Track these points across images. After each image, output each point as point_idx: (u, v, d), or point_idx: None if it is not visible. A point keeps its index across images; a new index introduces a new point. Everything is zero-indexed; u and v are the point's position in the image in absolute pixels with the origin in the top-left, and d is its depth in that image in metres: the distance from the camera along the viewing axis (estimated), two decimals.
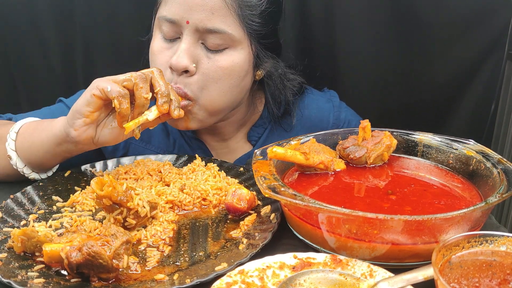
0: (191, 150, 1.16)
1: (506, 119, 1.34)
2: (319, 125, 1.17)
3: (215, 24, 0.93)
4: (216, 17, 0.93)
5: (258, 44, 1.00)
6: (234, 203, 0.83)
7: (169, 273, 0.69)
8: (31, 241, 0.71)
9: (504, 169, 0.79)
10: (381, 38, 1.32)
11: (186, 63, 0.93)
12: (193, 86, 0.96)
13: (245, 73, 1.01)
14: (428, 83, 1.35)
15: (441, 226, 0.67)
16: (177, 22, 0.94)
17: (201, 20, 0.92)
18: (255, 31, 0.98)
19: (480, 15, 1.25)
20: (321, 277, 0.64)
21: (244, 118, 1.16)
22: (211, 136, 1.17)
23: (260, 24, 0.98)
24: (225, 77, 0.97)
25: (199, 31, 0.94)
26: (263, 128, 1.17)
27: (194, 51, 0.95)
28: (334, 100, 1.23)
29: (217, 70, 0.96)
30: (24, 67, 1.40)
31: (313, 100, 1.20)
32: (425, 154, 0.94)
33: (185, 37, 0.94)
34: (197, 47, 0.95)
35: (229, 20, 0.94)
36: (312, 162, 0.87)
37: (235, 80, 0.99)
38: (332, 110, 1.20)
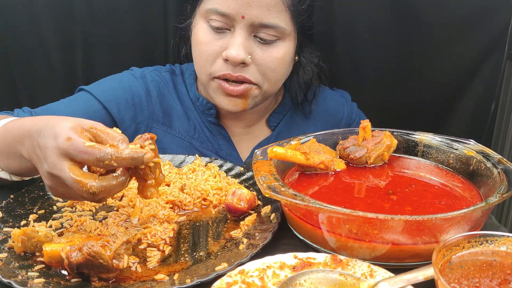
0: (211, 135, 1.18)
1: (506, 119, 1.34)
2: (335, 116, 1.26)
3: (271, 19, 0.98)
4: (272, 13, 0.97)
5: (302, 35, 1.08)
6: (234, 203, 0.83)
7: (169, 273, 0.69)
8: (31, 241, 0.71)
9: (504, 169, 0.79)
10: (381, 38, 1.32)
11: (243, 55, 0.98)
12: (254, 74, 1.02)
13: (291, 60, 1.10)
14: (428, 83, 1.35)
15: (441, 226, 0.67)
16: (231, 16, 0.98)
17: (258, 16, 0.97)
18: (302, 24, 1.05)
19: (480, 15, 1.25)
20: (321, 277, 0.64)
21: (270, 105, 1.22)
22: (234, 122, 1.20)
23: (306, 17, 1.05)
24: (280, 66, 1.05)
25: (253, 26, 0.98)
26: (282, 114, 1.23)
27: (248, 44, 1.00)
28: (346, 96, 1.30)
29: (273, 60, 1.03)
30: (24, 67, 1.39)
31: (328, 94, 1.28)
32: (425, 154, 0.94)
33: (239, 31, 0.99)
34: (250, 40, 1.00)
35: (283, 15, 0.99)
36: (312, 162, 0.87)
37: (286, 68, 1.08)
38: (345, 104, 1.28)
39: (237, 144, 1.20)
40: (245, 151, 1.21)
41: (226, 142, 1.18)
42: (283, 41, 1.03)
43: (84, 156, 0.66)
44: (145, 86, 1.15)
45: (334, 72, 1.37)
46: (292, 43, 1.06)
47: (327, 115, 1.25)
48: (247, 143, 1.21)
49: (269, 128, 1.23)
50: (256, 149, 1.16)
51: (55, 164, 0.67)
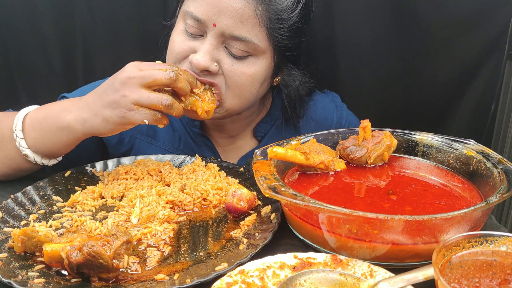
0: (197, 146, 1.17)
1: (506, 119, 1.34)
2: (324, 124, 1.21)
3: (242, 32, 0.94)
4: (245, 26, 0.93)
5: (281, 55, 1.02)
6: (234, 203, 0.83)
7: (169, 273, 0.69)
8: (31, 241, 0.71)
9: (504, 169, 0.79)
10: (381, 38, 1.32)
11: (208, 63, 0.95)
12: (221, 82, 0.98)
13: (264, 79, 1.03)
14: (428, 83, 1.35)
15: (441, 226, 0.67)
16: (203, 22, 0.94)
17: (229, 26, 0.93)
18: (280, 44, 0.99)
19: (480, 15, 1.25)
20: (321, 277, 0.64)
21: (253, 116, 1.18)
22: (218, 133, 1.18)
23: (287, 37, 0.99)
24: (248, 84, 0.99)
25: (224, 36, 0.94)
26: (270, 124, 1.19)
27: (216, 53, 0.96)
28: (336, 100, 1.26)
29: (240, 75, 0.98)
30: (24, 67, 1.39)
31: (317, 101, 1.23)
32: (425, 154, 0.94)
33: (209, 38, 0.95)
34: (220, 49, 0.96)
35: (257, 30, 0.94)
36: (312, 162, 0.87)
37: (256, 87, 1.02)
38: (335, 110, 1.24)
39: (222, 155, 1.18)
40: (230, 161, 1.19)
41: (212, 153, 1.16)
42: (256, 59, 0.98)
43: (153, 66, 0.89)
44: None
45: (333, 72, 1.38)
46: (266, 61, 1.00)
47: (315, 123, 1.21)
48: (233, 153, 1.19)
49: (255, 138, 1.20)
50: (242, 160, 1.16)
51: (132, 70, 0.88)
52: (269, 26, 0.95)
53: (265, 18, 0.94)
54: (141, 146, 1.15)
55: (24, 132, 0.92)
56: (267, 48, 0.98)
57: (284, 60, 1.05)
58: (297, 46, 1.05)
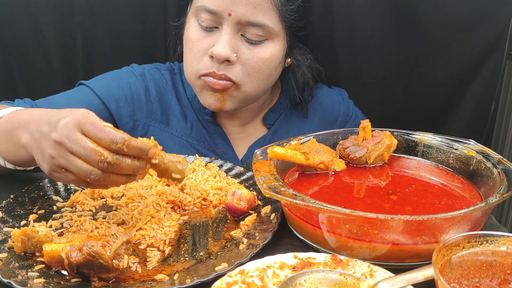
0: (208, 134, 1.19)
1: (506, 119, 1.34)
2: (331, 113, 1.26)
3: (257, 17, 0.98)
4: (259, 11, 0.97)
5: (292, 35, 1.07)
6: (234, 203, 0.83)
7: (169, 273, 0.69)
8: (31, 241, 0.71)
9: (504, 169, 0.79)
10: (381, 38, 1.32)
11: (228, 53, 0.98)
12: (237, 73, 1.02)
13: (279, 62, 1.08)
14: (428, 83, 1.35)
15: (441, 226, 0.67)
16: (218, 13, 0.98)
17: (244, 14, 0.97)
18: (291, 25, 1.04)
19: (480, 15, 1.25)
20: (321, 277, 0.64)
21: (264, 104, 1.21)
22: (230, 121, 1.20)
23: (296, 17, 1.04)
24: (265, 68, 1.04)
25: (240, 23, 0.98)
26: (279, 113, 1.22)
27: (234, 42, 1.00)
28: (343, 94, 1.30)
29: (258, 61, 1.02)
30: (24, 66, 1.39)
31: (325, 91, 1.28)
32: (425, 154, 0.94)
33: (225, 28, 0.99)
34: (237, 38, 1.00)
35: (270, 13, 0.99)
36: (312, 162, 0.87)
37: (272, 69, 1.07)
38: (342, 102, 1.28)
39: (233, 143, 1.21)
40: (241, 150, 1.21)
41: (223, 140, 1.19)
42: (271, 42, 1.03)
43: (99, 134, 0.69)
44: (144, 84, 1.16)
45: (333, 72, 1.38)
46: (280, 43, 1.05)
47: (323, 113, 1.25)
48: (243, 141, 1.21)
49: (265, 126, 1.23)
50: (252, 147, 1.18)
51: (68, 133, 0.69)
52: (280, 8, 1.00)
53: (276, 0, 0.99)
54: (155, 133, 1.17)
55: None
56: (281, 30, 1.03)
57: (295, 40, 1.09)
58: (305, 25, 1.09)
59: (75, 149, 0.69)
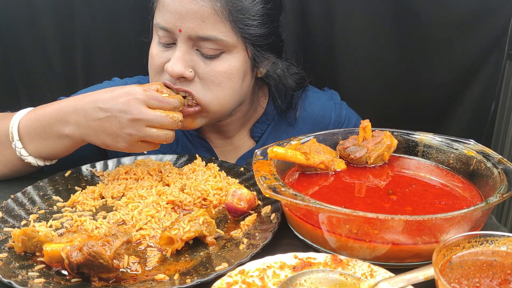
0: (194, 148, 1.17)
1: (506, 119, 1.34)
2: (322, 121, 1.20)
3: (207, 32, 0.93)
4: (207, 25, 0.93)
5: (254, 46, 1.00)
6: (234, 203, 0.83)
7: (170, 273, 0.69)
8: (31, 241, 0.71)
9: (504, 169, 0.79)
10: (381, 38, 1.32)
11: (181, 69, 0.94)
12: (197, 88, 0.97)
13: (244, 74, 1.01)
14: (428, 83, 1.35)
15: (441, 226, 0.67)
16: (170, 30, 0.95)
17: (193, 29, 0.93)
18: (250, 34, 0.97)
19: (480, 15, 1.25)
20: (321, 277, 0.64)
21: (247, 115, 1.16)
22: (215, 134, 1.18)
23: (255, 26, 0.97)
24: (225, 81, 0.98)
25: (192, 39, 0.94)
26: (266, 124, 1.18)
27: (189, 58, 0.96)
28: (335, 98, 1.24)
29: (216, 75, 0.97)
30: (24, 67, 1.39)
31: (315, 98, 1.22)
32: (425, 154, 0.94)
33: (179, 45, 0.95)
34: (192, 53, 0.96)
35: (221, 26, 0.94)
36: (312, 162, 0.87)
37: (236, 82, 1.00)
38: (333, 108, 1.22)
39: (220, 156, 1.18)
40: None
41: (209, 154, 1.16)
42: (228, 54, 0.97)
43: (162, 104, 0.89)
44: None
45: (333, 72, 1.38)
46: (240, 55, 0.98)
47: (313, 121, 1.20)
48: (231, 154, 1.18)
49: (252, 138, 1.19)
50: (240, 161, 1.15)
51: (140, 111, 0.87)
52: (232, 19, 0.94)
53: (225, 12, 0.93)
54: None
55: (23, 141, 0.93)
56: (237, 41, 0.96)
57: (260, 51, 1.01)
58: (271, 33, 1.02)
59: (151, 120, 0.87)
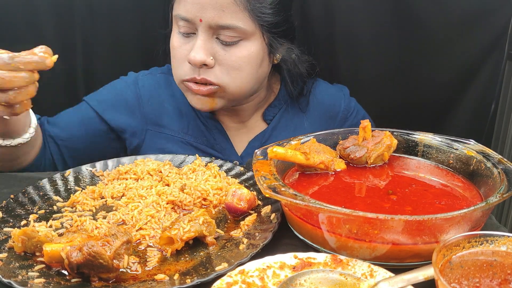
0: (207, 130, 1.19)
1: (506, 119, 1.34)
2: (332, 110, 1.25)
3: (227, 20, 0.99)
4: (227, 14, 0.98)
5: (270, 33, 1.06)
6: (234, 203, 0.83)
7: (170, 273, 0.69)
8: (31, 241, 0.71)
9: (504, 169, 0.79)
10: (381, 38, 1.32)
11: (203, 57, 1.00)
12: (217, 75, 1.03)
13: (261, 60, 1.08)
14: (428, 83, 1.35)
15: (441, 226, 0.67)
16: (191, 20, 1.00)
17: (213, 18, 0.98)
18: (266, 22, 1.03)
19: (480, 15, 1.25)
20: (321, 277, 0.64)
21: (262, 101, 1.22)
22: (229, 117, 1.21)
23: (270, 14, 1.03)
24: (245, 66, 1.04)
25: (212, 28, 1.00)
26: (278, 108, 1.23)
27: (210, 46, 1.01)
28: (344, 90, 1.29)
29: (236, 60, 1.03)
30: None
31: (325, 88, 1.28)
32: (425, 154, 0.94)
33: (200, 34, 1.01)
34: (212, 42, 1.02)
35: (240, 15, 0.99)
36: (312, 162, 0.87)
37: (254, 67, 1.06)
38: (343, 98, 1.27)
39: (233, 138, 1.21)
40: (240, 145, 1.22)
41: (222, 136, 1.20)
42: (247, 41, 1.03)
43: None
44: (135, 92, 1.19)
45: (333, 72, 1.38)
46: (258, 42, 1.04)
47: (323, 108, 1.25)
48: (243, 137, 1.22)
49: (264, 121, 1.24)
50: (253, 142, 1.19)
51: None
52: (250, 8, 1.00)
53: (243, 1, 0.99)
54: (152, 136, 1.19)
55: None
56: (255, 29, 1.03)
57: (276, 37, 1.08)
58: (285, 21, 1.08)
59: None
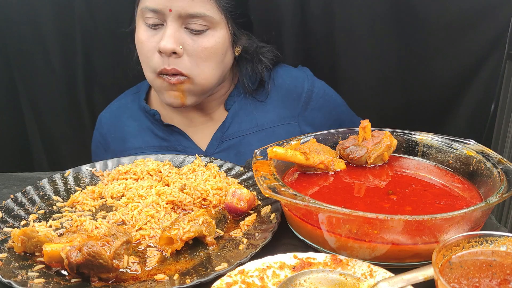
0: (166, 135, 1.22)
1: (506, 119, 1.34)
2: (294, 91, 1.25)
3: (196, 9, 1.04)
4: (196, 3, 1.04)
5: (234, 23, 1.12)
6: (234, 203, 0.83)
7: (169, 273, 0.69)
8: (31, 241, 0.71)
9: (504, 169, 0.79)
10: (381, 38, 1.32)
11: (173, 45, 1.04)
12: (186, 65, 1.07)
13: (226, 50, 1.12)
14: (428, 83, 1.35)
15: (441, 226, 0.67)
16: (160, 11, 1.04)
17: (183, 7, 1.03)
18: (230, 12, 1.09)
19: (480, 15, 1.25)
20: (321, 277, 0.64)
21: (226, 93, 1.25)
22: (196, 112, 1.24)
23: (233, 5, 1.09)
24: (211, 56, 1.09)
25: (181, 17, 1.04)
26: (237, 96, 1.26)
27: (179, 35, 1.05)
28: (307, 72, 1.29)
29: (203, 50, 1.07)
30: (24, 67, 1.39)
31: (286, 71, 1.28)
32: (425, 154, 0.94)
33: (169, 24, 1.05)
34: (181, 31, 1.06)
35: (208, 4, 1.05)
36: (312, 162, 0.87)
37: (220, 57, 1.11)
38: (306, 79, 1.26)
39: (198, 133, 1.24)
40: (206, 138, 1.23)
41: (181, 136, 1.23)
42: (213, 30, 1.07)
43: None
44: (100, 132, 1.29)
45: (333, 72, 1.38)
46: (223, 31, 1.09)
47: (285, 91, 1.25)
48: (209, 129, 1.24)
49: (225, 110, 1.25)
50: (215, 134, 1.22)
51: None
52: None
53: None
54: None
55: None
56: (221, 18, 1.08)
57: (238, 27, 1.14)
58: (245, 12, 1.15)
59: None
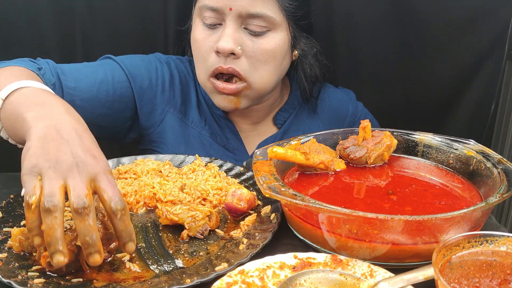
0: (220, 129, 1.20)
1: (506, 119, 1.34)
2: (340, 114, 1.27)
3: (257, 9, 1.01)
4: (258, 3, 1.00)
5: (295, 25, 1.08)
6: (234, 203, 0.83)
7: (169, 273, 0.69)
8: (28, 241, 0.71)
9: (504, 169, 0.79)
10: (381, 38, 1.32)
11: (232, 46, 1.01)
12: (243, 67, 1.04)
13: (285, 53, 1.09)
14: (428, 83, 1.35)
15: (441, 226, 0.67)
16: (219, 10, 1.01)
17: (244, 6, 1.00)
18: (292, 14, 1.06)
19: (480, 15, 1.25)
20: (321, 277, 0.64)
21: (274, 104, 1.22)
22: (242, 119, 1.22)
23: (296, 6, 1.06)
24: (271, 59, 1.05)
25: (241, 17, 1.01)
26: (289, 113, 1.24)
27: (238, 36, 1.02)
28: (351, 94, 1.31)
29: (263, 52, 1.04)
30: None
31: (333, 92, 1.29)
32: (425, 154, 0.94)
33: (228, 23, 1.02)
34: (240, 31, 1.03)
35: (269, 4, 1.02)
36: (312, 162, 0.87)
37: (279, 60, 1.08)
38: (350, 102, 1.29)
39: (244, 139, 1.22)
40: (251, 147, 1.22)
41: (234, 136, 1.20)
42: (274, 32, 1.04)
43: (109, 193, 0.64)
44: (169, 72, 1.19)
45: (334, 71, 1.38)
46: (284, 33, 1.06)
47: (332, 112, 1.26)
48: (254, 139, 1.22)
49: (275, 126, 1.24)
50: (263, 144, 1.19)
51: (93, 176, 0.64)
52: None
53: None
54: (172, 120, 1.18)
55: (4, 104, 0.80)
56: (282, 20, 1.05)
57: (299, 30, 1.10)
58: (306, 14, 1.10)
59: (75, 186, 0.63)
